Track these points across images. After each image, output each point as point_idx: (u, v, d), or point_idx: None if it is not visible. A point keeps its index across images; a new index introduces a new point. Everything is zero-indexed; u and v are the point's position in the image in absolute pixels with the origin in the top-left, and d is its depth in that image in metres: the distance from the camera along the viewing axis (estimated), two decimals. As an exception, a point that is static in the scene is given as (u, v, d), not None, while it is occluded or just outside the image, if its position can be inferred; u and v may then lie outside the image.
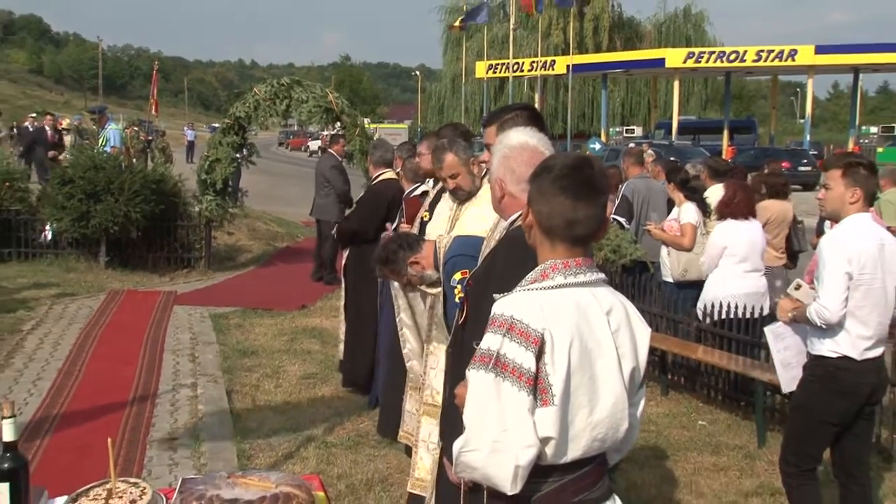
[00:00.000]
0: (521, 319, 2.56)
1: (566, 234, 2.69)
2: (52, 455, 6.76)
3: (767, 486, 6.45)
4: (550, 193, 2.69)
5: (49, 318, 11.43)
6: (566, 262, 2.68)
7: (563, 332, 2.57)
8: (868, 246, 4.85)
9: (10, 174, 15.96)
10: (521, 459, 2.53)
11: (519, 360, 2.53)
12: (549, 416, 2.56)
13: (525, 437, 2.53)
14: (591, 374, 2.63)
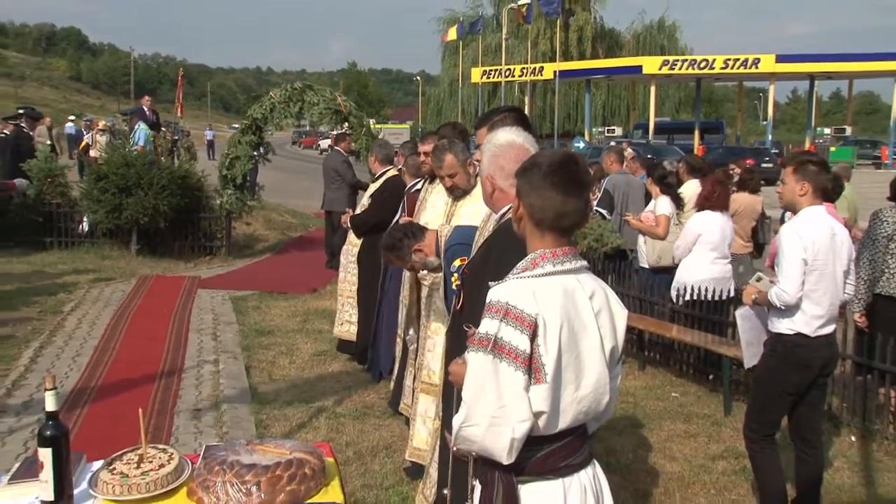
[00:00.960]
0: (516, 305, 2.57)
1: (556, 225, 2.70)
2: (89, 424, 6.77)
3: (732, 451, 6.47)
4: (542, 188, 2.70)
5: (86, 301, 11.42)
6: (554, 251, 2.69)
7: (554, 316, 2.58)
8: (821, 235, 4.90)
9: (51, 171, 15.94)
10: (517, 432, 2.55)
11: (515, 343, 2.55)
12: (542, 393, 2.57)
13: (521, 413, 2.55)
14: (578, 353, 2.65)
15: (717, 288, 8.31)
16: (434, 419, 5.37)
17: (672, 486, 5.95)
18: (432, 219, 5.74)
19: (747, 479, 5.84)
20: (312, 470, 3.00)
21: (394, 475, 5.88)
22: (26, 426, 6.67)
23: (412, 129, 61.85)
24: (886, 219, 6.93)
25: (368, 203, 8.42)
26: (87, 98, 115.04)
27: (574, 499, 2.68)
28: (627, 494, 5.60)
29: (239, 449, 3.13)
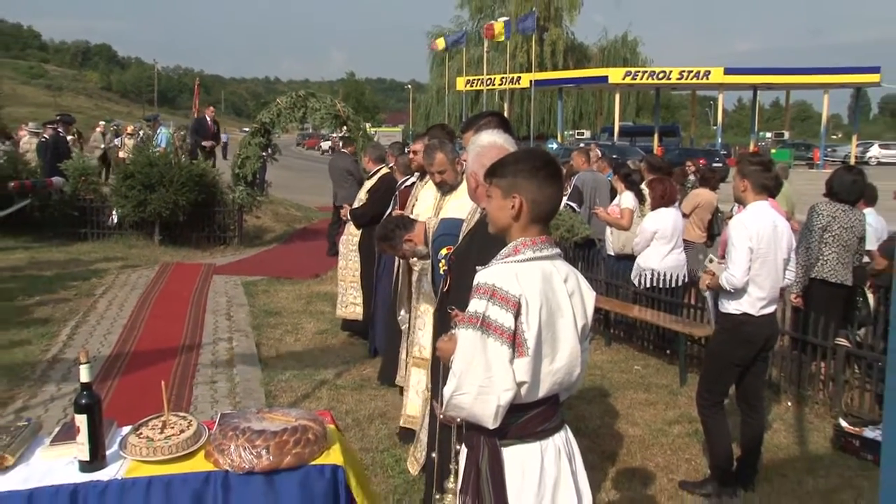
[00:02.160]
0: (502, 287, 2.58)
1: (549, 217, 2.77)
2: (119, 393, 6.78)
3: (686, 416, 6.51)
4: (545, 186, 2.74)
5: (115, 285, 11.41)
6: (534, 239, 2.71)
7: (535, 296, 2.60)
8: (765, 227, 4.96)
9: (85, 170, 15.91)
10: (502, 400, 2.57)
11: (501, 320, 2.56)
12: (524, 365, 2.59)
13: (506, 382, 2.57)
14: (554, 330, 2.66)
15: (673, 274, 8.41)
16: (425, 390, 5.39)
17: (634, 447, 5.98)
18: (422, 211, 5.75)
19: (699, 440, 5.87)
20: (315, 435, 3.00)
21: (388, 440, 5.89)
22: (65, 395, 6.68)
23: (404, 131, 61.71)
24: (821, 212, 7.00)
25: (366, 198, 8.41)
26: (116, 105, 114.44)
27: (550, 458, 2.70)
28: (595, 456, 5.62)
29: (250, 416, 3.13)
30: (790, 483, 5.44)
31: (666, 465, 5.70)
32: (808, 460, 5.86)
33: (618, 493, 5.23)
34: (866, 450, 5.79)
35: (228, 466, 2.87)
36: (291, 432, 2.95)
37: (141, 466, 2.91)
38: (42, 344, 8.28)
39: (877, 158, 53.22)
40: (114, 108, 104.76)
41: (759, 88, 54.78)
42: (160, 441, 2.97)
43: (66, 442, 3.01)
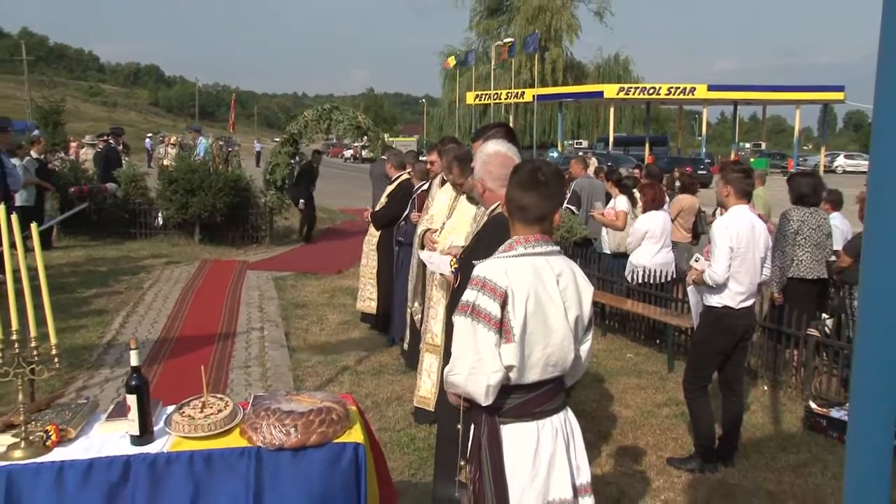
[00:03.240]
0: (491, 279, 2.63)
1: (542, 217, 2.77)
2: (164, 376, 6.83)
3: (674, 399, 6.50)
4: (510, 187, 2.82)
5: (161, 279, 11.45)
6: (527, 237, 2.74)
7: (522, 288, 2.63)
8: (744, 228, 4.99)
9: (135, 177, 16.01)
10: (491, 380, 2.60)
11: (489, 309, 2.60)
12: (511, 350, 2.62)
13: (494, 364, 2.60)
14: (545, 319, 2.68)
15: (662, 271, 8.42)
16: (437, 373, 5.41)
17: (626, 427, 5.98)
18: (438, 210, 5.75)
19: (685, 421, 5.86)
20: (338, 416, 3.02)
21: (404, 420, 5.90)
22: (118, 377, 6.73)
23: (418, 141, 61.70)
24: (792, 217, 7.07)
25: (385, 201, 8.43)
26: (162, 119, 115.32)
27: (546, 437, 2.71)
28: (591, 435, 5.62)
29: (280, 398, 3.15)
30: (765, 458, 5.45)
31: (655, 443, 5.70)
32: (781, 438, 5.87)
33: (611, 468, 5.23)
34: (832, 428, 5.83)
35: (261, 443, 2.89)
36: (317, 413, 2.96)
37: (183, 441, 2.93)
38: (98, 331, 8.34)
39: (842, 167, 53.50)
40: (160, 121, 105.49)
41: (739, 104, 54.85)
42: (200, 419, 2.99)
43: (119, 418, 3.04)
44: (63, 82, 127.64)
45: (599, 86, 54.45)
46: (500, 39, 57.19)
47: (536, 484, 2.68)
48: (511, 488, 2.67)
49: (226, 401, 3.15)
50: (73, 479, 2.76)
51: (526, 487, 2.67)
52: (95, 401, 3.43)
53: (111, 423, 3.06)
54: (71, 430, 2.97)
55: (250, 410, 3.04)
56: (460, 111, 63.14)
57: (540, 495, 2.68)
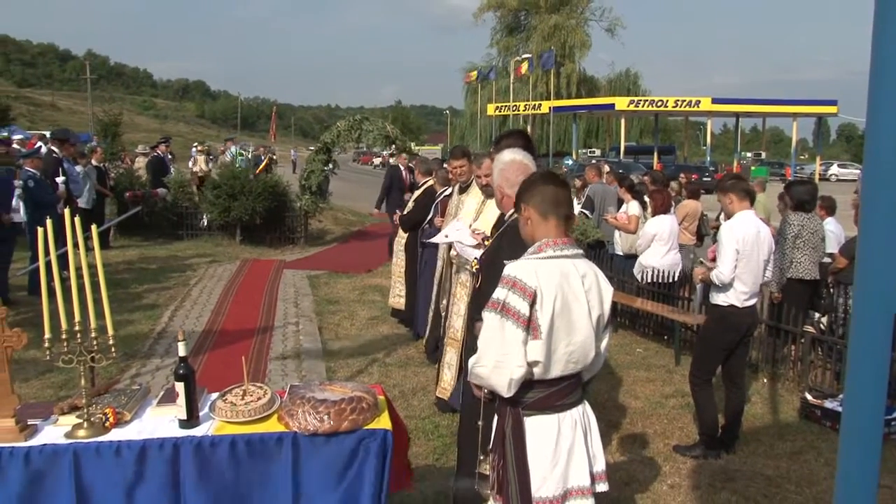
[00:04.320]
0: (521, 279, 2.61)
1: (558, 206, 2.78)
2: (208, 366, 6.88)
3: (680, 391, 6.46)
4: (542, 185, 2.83)
5: (205, 277, 11.54)
6: (556, 240, 2.73)
7: (550, 289, 2.61)
8: (749, 231, 4.97)
9: (182, 183, 16.16)
10: (514, 375, 2.59)
11: (518, 307, 2.58)
12: (538, 346, 2.61)
13: (518, 360, 2.59)
14: (569, 318, 2.66)
15: (669, 271, 8.37)
16: (456, 366, 5.42)
17: (636, 417, 5.96)
18: (466, 214, 5.75)
19: (690, 411, 5.83)
20: (368, 404, 3.04)
21: (428, 409, 5.91)
22: (167, 366, 6.81)
23: (443, 150, 61.72)
24: (792, 222, 7.04)
25: (412, 206, 8.45)
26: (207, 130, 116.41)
27: (566, 429, 2.71)
28: (603, 424, 5.55)
29: (314, 387, 3.18)
30: (764, 446, 5.41)
31: (662, 431, 5.67)
32: (779, 427, 5.82)
33: (622, 455, 5.22)
34: (826, 418, 5.81)
35: (297, 428, 2.91)
36: (348, 401, 2.98)
37: (226, 426, 2.97)
38: (149, 324, 8.43)
39: (836, 176, 53.18)
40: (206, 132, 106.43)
41: (741, 116, 54.59)
42: (241, 406, 3.02)
43: (168, 404, 3.08)
44: (120, 97, 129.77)
45: (611, 98, 54.22)
46: (519, 55, 57.08)
47: (557, 472, 2.67)
48: (533, 476, 2.67)
49: (265, 389, 3.18)
50: (129, 457, 2.81)
51: (547, 475, 2.67)
52: (147, 387, 3.48)
53: (162, 408, 3.11)
54: (126, 414, 3.02)
55: (287, 398, 3.07)
56: (481, 122, 63.04)
57: (560, 482, 2.68)
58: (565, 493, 2.69)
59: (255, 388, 3.18)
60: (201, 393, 3.21)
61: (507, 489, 2.71)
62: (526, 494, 2.66)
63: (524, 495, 2.66)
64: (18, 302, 8.90)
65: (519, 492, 2.67)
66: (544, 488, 2.66)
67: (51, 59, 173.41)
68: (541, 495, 2.66)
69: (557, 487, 2.67)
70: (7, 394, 2.87)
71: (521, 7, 65.42)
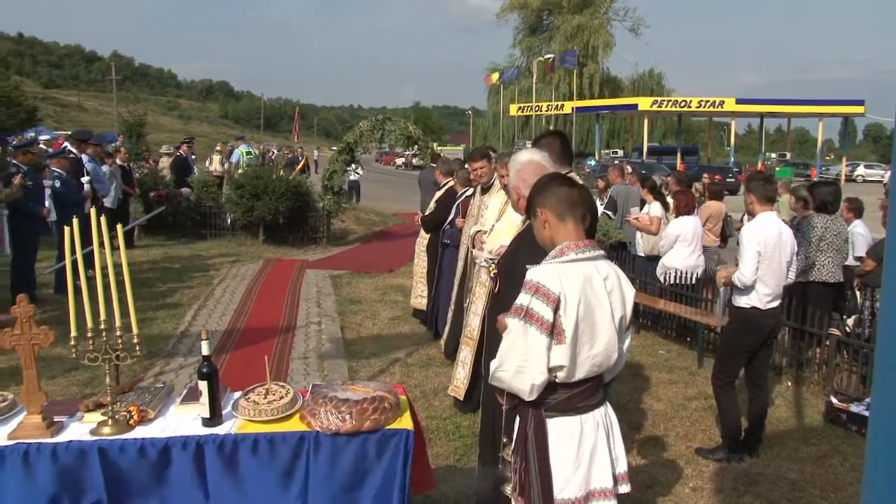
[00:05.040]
0: (545, 284, 2.59)
1: (574, 207, 2.77)
2: (231, 364, 6.92)
3: (703, 393, 6.42)
4: (555, 187, 2.82)
5: (228, 276, 11.60)
6: (577, 243, 2.71)
7: (574, 294, 2.59)
8: (771, 233, 4.93)
9: (207, 183, 16.29)
10: (536, 380, 2.59)
11: (541, 313, 2.57)
12: (562, 351, 2.60)
13: (540, 365, 2.58)
14: (592, 321, 2.65)
15: (692, 272, 8.32)
16: (470, 364, 5.42)
17: (658, 419, 5.93)
18: (489, 215, 5.74)
19: (713, 414, 5.79)
20: (390, 404, 3.05)
21: (449, 409, 5.90)
22: (190, 364, 6.85)
23: (465, 150, 61.75)
24: (815, 224, 6.96)
25: (434, 207, 8.45)
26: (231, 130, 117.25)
27: (588, 430, 2.70)
28: (625, 426, 5.51)
29: (336, 387, 3.19)
30: (788, 449, 5.36)
31: (685, 434, 5.64)
32: (803, 431, 5.77)
33: (644, 457, 5.19)
34: (852, 422, 5.74)
35: (319, 428, 2.93)
36: (370, 401, 2.99)
37: (249, 425, 2.99)
38: (172, 322, 8.49)
39: (862, 177, 52.59)
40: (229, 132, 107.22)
41: (766, 116, 54.10)
42: (264, 405, 3.04)
43: (192, 402, 3.11)
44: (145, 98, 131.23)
45: (634, 99, 53.99)
46: (542, 56, 56.99)
47: (579, 473, 2.67)
48: (555, 477, 2.66)
49: (287, 388, 3.20)
50: (153, 455, 2.84)
51: (569, 477, 2.66)
52: (171, 385, 3.51)
53: (185, 406, 3.13)
54: (150, 412, 3.05)
55: (309, 398, 3.09)
56: (504, 122, 63.02)
57: (582, 484, 2.67)
58: (588, 494, 2.68)
59: (277, 388, 3.20)
60: (224, 392, 3.24)
61: (530, 491, 2.70)
62: (548, 496, 2.65)
63: (546, 497, 2.65)
64: (45, 300, 9.02)
65: (541, 493, 2.66)
66: (567, 490, 2.66)
67: (77, 61, 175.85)
68: (563, 497, 2.65)
69: (580, 489, 2.66)
70: (34, 391, 2.92)
71: (543, 7, 65.28)
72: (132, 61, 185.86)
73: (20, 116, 17.67)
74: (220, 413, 3.02)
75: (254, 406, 3.03)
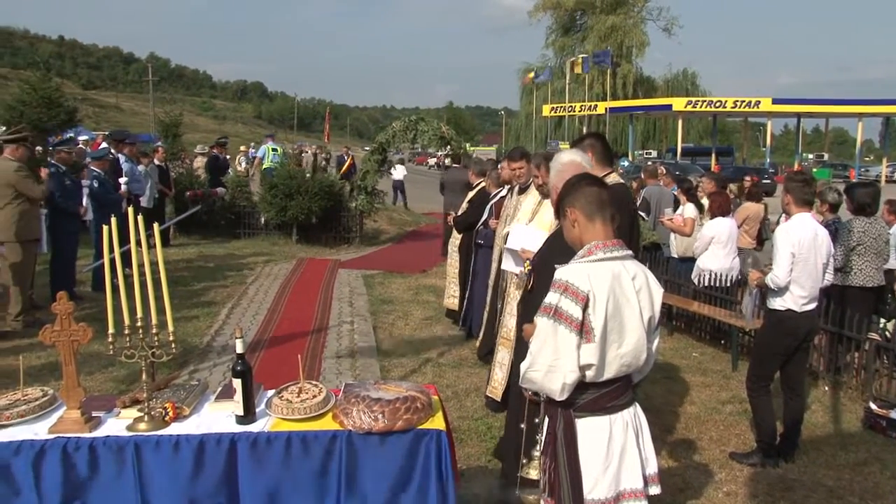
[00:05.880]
0: (574, 283, 2.60)
1: (602, 207, 2.78)
2: (264, 363, 6.96)
3: (737, 397, 6.34)
4: (583, 186, 2.83)
5: (262, 275, 11.69)
6: (605, 242, 2.71)
7: (602, 292, 2.60)
8: (806, 234, 4.87)
9: (240, 182, 16.43)
10: (568, 379, 2.59)
11: (571, 312, 2.57)
12: (591, 350, 2.60)
13: (571, 364, 2.58)
14: (621, 320, 2.65)
15: (727, 274, 8.23)
16: (507, 365, 5.40)
17: (691, 422, 5.88)
18: (523, 215, 5.73)
19: (747, 418, 5.73)
20: (422, 404, 3.05)
21: (482, 410, 5.89)
22: (224, 362, 6.92)
23: (497, 151, 61.67)
24: (853, 228, 6.83)
25: (467, 207, 8.45)
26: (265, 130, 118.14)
27: (617, 430, 2.70)
28: (657, 429, 5.52)
29: (369, 387, 3.20)
30: (825, 456, 5.27)
31: (718, 438, 5.58)
32: (841, 437, 5.67)
33: (676, 461, 5.14)
34: (892, 429, 5.65)
35: (351, 427, 2.94)
36: (403, 401, 3.00)
37: (282, 423, 3.01)
38: (207, 321, 8.58)
39: (903, 178, 51.36)
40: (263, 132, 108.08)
41: (803, 116, 53.20)
42: (297, 403, 3.06)
43: (226, 399, 3.14)
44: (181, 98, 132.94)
45: (668, 99, 53.51)
46: (575, 56, 56.74)
47: (609, 474, 2.66)
48: (585, 477, 2.66)
49: (320, 387, 3.22)
50: (187, 451, 2.88)
51: (599, 477, 2.66)
52: (205, 383, 3.55)
53: (219, 404, 3.17)
54: (185, 408, 3.09)
55: (342, 397, 3.10)
56: (536, 122, 62.84)
57: (613, 484, 2.66)
58: (618, 495, 2.68)
59: (310, 386, 3.22)
60: (258, 389, 3.27)
61: (559, 491, 2.70)
62: (578, 496, 2.65)
63: (577, 497, 2.65)
64: (83, 298, 9.17)
65: (571, 494, 2.66)
66: (596, 490, 2.65)
67: (115, 62, 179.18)
68: (593, 497, 2.65)
69: (610, 489, 2.66)
70: (74, 386, 2.97)
71: (576, 7, 64.98)
72: (168, 62, 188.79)
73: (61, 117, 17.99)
74: (254, 411, 3.05)
75: (287, 404, 3.06)
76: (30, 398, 3.15)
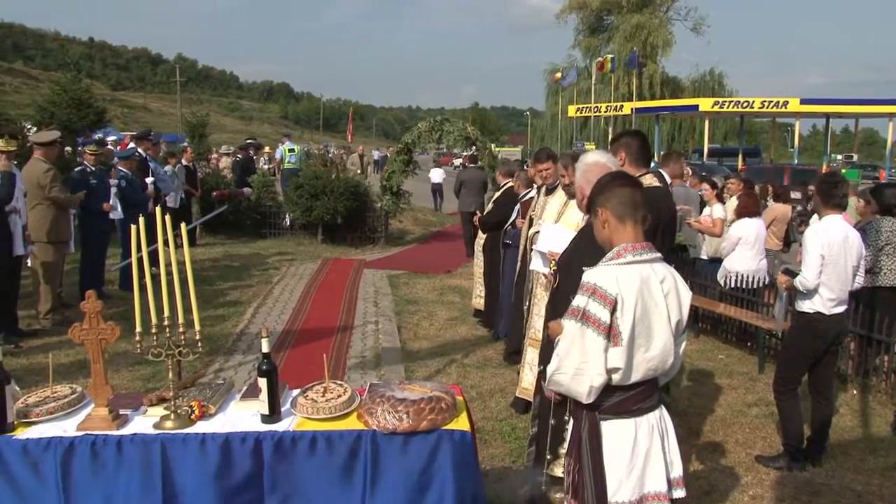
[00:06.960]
0: (602, 286, 2.58)
1: (634, 209, 2.75)
2: (290, 362, 7.00)
3: (763, 400, 6.28)
4: (615, 187, 2.80)
5: (287, 275, 11.77)
6: (634, 245, 2.69)
7: (631, 295, 2.58)
8: (836, 236, 4.81)
9: (266, 183, 16.55)
10: (595, 382, 2.58)
11: (598, 315, 2.56)
12: (619, 353, 2.58)
13: (598, 367, 2.57)
14: (648, 324, 2.63)
15: (754, 277, 8.16)
16: (537, 366, 5.38)
17: (717, 425, 5.82)
18: (549, 215, 5.71)
19: (774, 421, 5.66)
20: (447, 405, 3.05)
21: (506, 411, 5.88)
22: (249, 362, 6.97)
23: (523, 151, 61.56)
24: (882, 228, 6.71)
25: (492, 207, 8.44)
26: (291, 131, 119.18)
27: (643, 433, 2.68)
28: (683, 431, 5.48)
29: (393, 387, 3.20)
30: (853, 460, 5.20)
31: (744, 441, 5.53)
32: (870, 441, 5.59)
33: (702, 463, 5.10)
34: (923, 434, 5.53)
35: (376, 426, 2.94)
36: (427, 401, 3.00)
37: (307, 422, 3.02)
38: (233, 320, 8.65)
39: (935, 179, 50.47)
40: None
41: (832, 117, 52.31)
42: (322, 402, 3.08)
43: (251, 398, 3.16)
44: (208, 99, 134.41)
45: (695, 100, 53.01)
46: (601, 56, 56.45)
47: (633, 476, 2.65)
48: (609, 480, 2.64)
49: (345, 387, 3.23)
50: (213, 449, 2.90)
51: (623, 479, 2.64)
52: (231, 382, 3.58)
53: (245, 403, 3.19)
54: (211, 407, 3.11)
55: (367, 397, 3.11)
56: (562, 123, 62.59)
57: (637, 487, 2.65)
58: (642, 497, 2.66)
59: (335, 386, 3.23)
60: (283, 389, 3.28)
61: (583, 493, 2.69)
62: (602, 498, 2.64)
63: (600, 499, 2.64)
64: (111, 296, 9.28)
65: (595, 496, 2.64)
66: (620, 492, 2.64)
67: (143, 63, 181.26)
68: (617, 500, 2.64)
69: (634, 492, 2.64)
70: (102, 384, 3.00)
71: (603, 7, 64.64)
72: (196, 63, 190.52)
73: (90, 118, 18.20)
74: (279, 410, 3.06)
75: (312, 404, 3.07)
76: (59, 395, 3.19)
